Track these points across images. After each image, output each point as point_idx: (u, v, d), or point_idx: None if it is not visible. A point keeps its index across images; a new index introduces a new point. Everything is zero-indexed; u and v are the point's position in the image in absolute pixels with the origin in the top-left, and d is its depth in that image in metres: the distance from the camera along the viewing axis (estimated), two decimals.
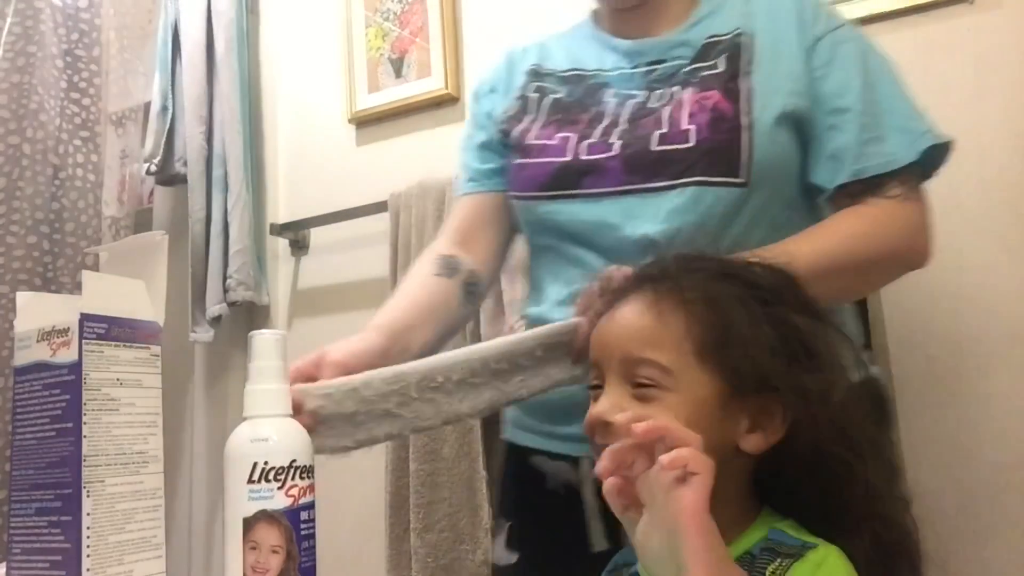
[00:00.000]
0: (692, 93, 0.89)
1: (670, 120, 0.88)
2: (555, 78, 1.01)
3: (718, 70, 0.91)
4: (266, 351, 0.67)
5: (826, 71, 0.90)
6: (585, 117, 0.94)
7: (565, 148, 0.92)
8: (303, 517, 0.63)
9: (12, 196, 1.76)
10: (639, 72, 0.96)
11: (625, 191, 0.88)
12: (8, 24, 1.80)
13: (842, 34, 0.93)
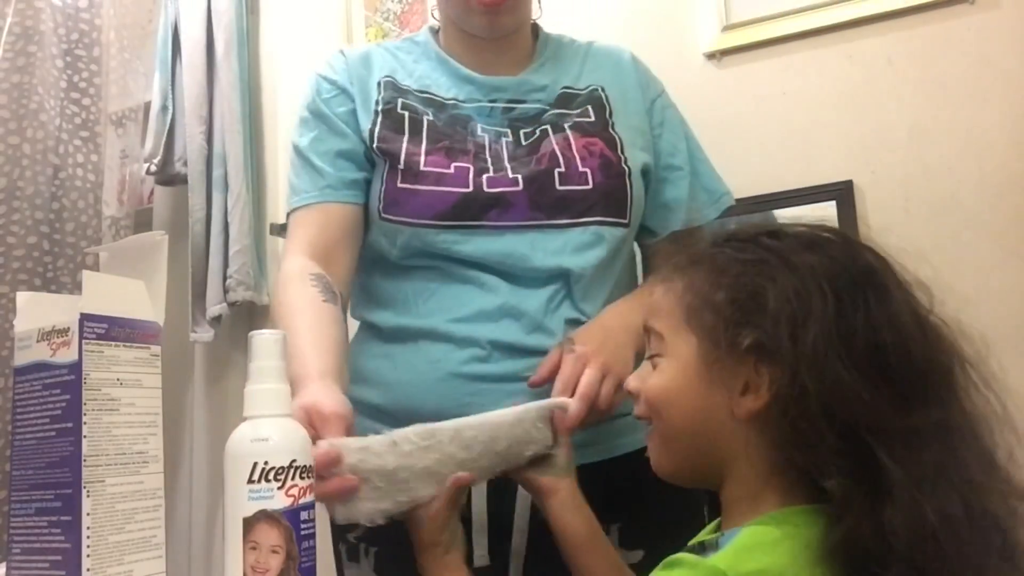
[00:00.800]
0: (575, 137, 0.96)
1: (565, 159, 0.94)
2: (416, 97, 0.99)
3: (591, 119, 0.99)
4: (266, 351, 0.67)
5: (660, 131, 1.04)
6: (470, 147, 0.95)
7: (466, 179, 0.92)
8: (303, 517, 0.63)
9: (12, 196, 1.76)
10: (497, 108, 0.99)
11: (530, 226, 0.92)
12: (8, 24, 1.79)
13: (666, 99, 1.08)
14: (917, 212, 1.29)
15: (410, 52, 1.05)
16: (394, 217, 0.94)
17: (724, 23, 1.46)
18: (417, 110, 0.98)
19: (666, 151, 1.04)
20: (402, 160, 0.94)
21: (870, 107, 1.34)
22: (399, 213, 0.93)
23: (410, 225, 0.93)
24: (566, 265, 0.91)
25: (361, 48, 1.07)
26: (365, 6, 1.87)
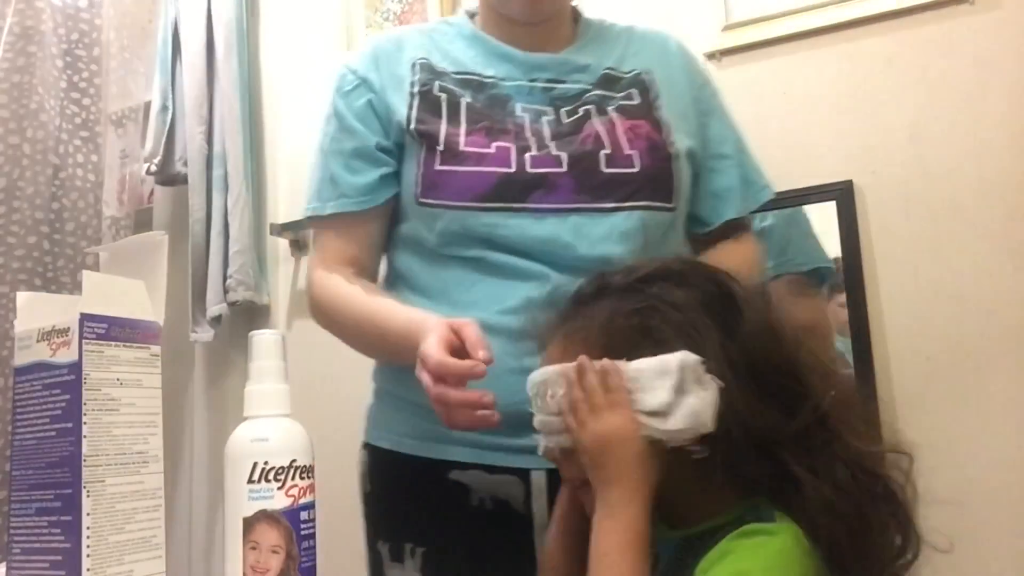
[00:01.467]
0: (620, 119, 0.92)
1: (611, 141, 0.90)
2: (453, 79, 0.95)
3: (636, 102, 0.95)
4: (266, 351, 0.67)
5: (708, 119, 1.00)
6: (511, 126, 0.91)
7: (507, 158, 0.88)
8: (303, 517, 0.63)
9: (12, 196, 1.76)
10: (537, 87, 0.95)
11: (573, 209, 0.87)
12: (8, 24, 1.80)
13: (713, 87, 1.04)
14: (917, 212, 1.29)
15: (445, 33, 1.01)
16: (433, 201, 0.90)
17: (724, 23, 1.46)
18: (454, 92, 0.94)
19: (715, 139, 1.00)
20: (441, 141, 0.90)
21: (870, 107, 1.34)
22: (438, 196, 0.89)
23: (450, 208, 0.89)
24: (612, 255, 0.85)
25: (394, 31, 1.05)
26: (365, 6, 1.87)
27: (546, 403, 0.67)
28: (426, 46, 0.99)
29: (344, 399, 1.84)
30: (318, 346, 1.90)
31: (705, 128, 1.00)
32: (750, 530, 0.60)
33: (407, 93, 0.94)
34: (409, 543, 0.90)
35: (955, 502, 1.21)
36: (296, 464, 0.64)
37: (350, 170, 0.96)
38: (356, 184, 0.95)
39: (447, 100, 0.93)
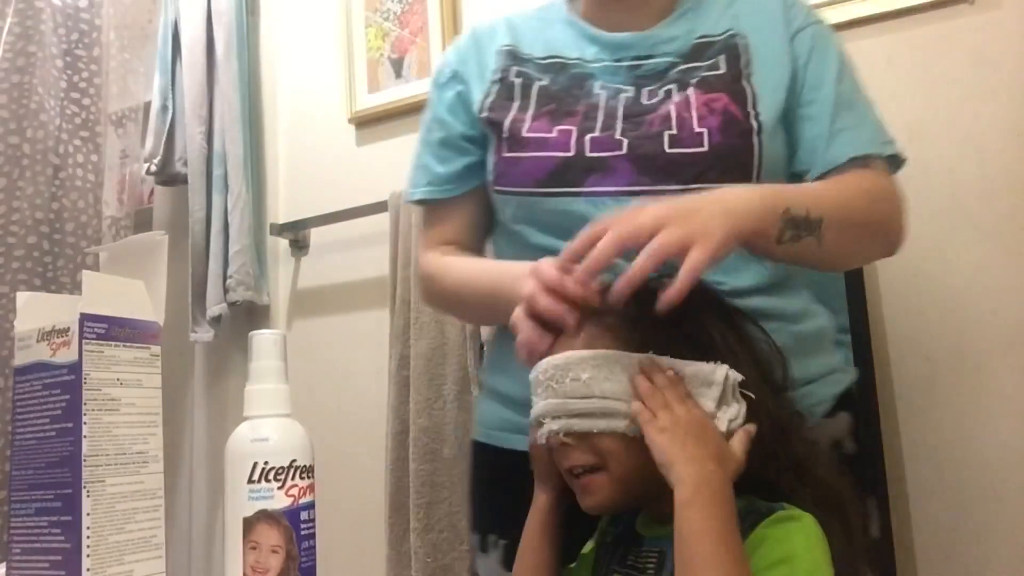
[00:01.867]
0: (697, 94, 0.87)
1: (679, 120, 0.86)
2: (535, 64, 0.96)
3: (720, 71, 0.89)
4: (266, 351, 0.67)
5: (806, 60, 0.92)
6: (579, 109, 0.89)
7: (567, 142, 0.87)
8: (303, 517, 0.63)
9: (12, 196, 1.76)
10: (623, 67, 0.93)
11: (633, 192, 0.84)
12: (8, 24, 1.80)
13: (819, 29, 0.94)
14: (917, 212, 1.28)
15: (544, 18, 1.01)
16: (502, 188, 0.91)
17: None
18: (531, 76, 0.94)
19: (809, 83, 0.91)
20: (506, 128, 0.91)
21: None
22: (505, 183, 0.91)
23: (515, 194, 0.90)
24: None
25: (497, 16, 1.04)
26: (365, 6, 1.87)
27: (566, 386, 0.67)
28: (519, 32, 1.00)
29: (344, 399, 1.84)
30: (318, 346, 1.90)
31: (801, 71, 0.91)
32: (782, 516, 0.63)
33: (487, 82, 0.96)
34: (493, 534, 0.93)
35: (955, 502, 1.21)
36: (296, 464, 0.64)
37: (438, 159, 0.99)
38: (442, 173, 0.99)
39: (521, 85, 0.94)
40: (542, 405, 0.70)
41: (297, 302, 1.94)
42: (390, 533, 1.57)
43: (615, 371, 0.67)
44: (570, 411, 0.67)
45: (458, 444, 1.50)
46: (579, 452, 0.68)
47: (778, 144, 0.88)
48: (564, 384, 0.68)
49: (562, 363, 0.68)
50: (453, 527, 1.49)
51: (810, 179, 0.89)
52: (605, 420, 0.66)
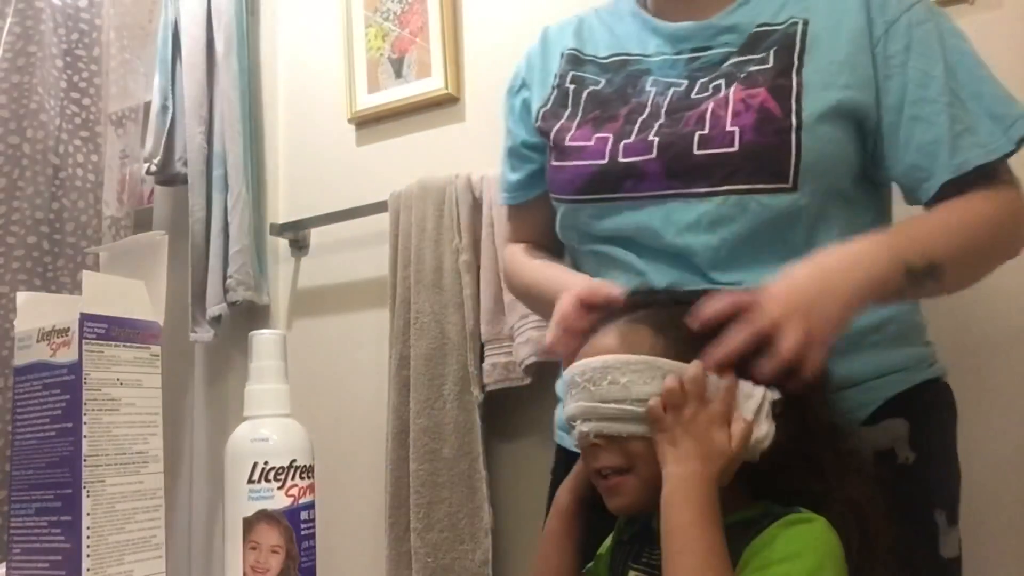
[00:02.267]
0: (737, 89, 0.84)
1: (712, 119, 0.83)
2: (595, 65, 0.96)
3: (767, 65, 0.85)
4: (266, 351, 0.67)
5: (905, 56, 0.84)
6: (623, 111, 0.89)
7: (603, 150, 0.87)
8: (303, 517, 0.63)
9: (12, 196, 1.76)
10: (681, 59, 0.91)
11: (667, 195, 0.84)
12: (8, 24, 1.79)
13: (917, 15, 0.86)
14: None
15: (614, 13, 1.01)
16: (552, 195, 0.94)
17: None
18: (585, 81, 0.95)
19: (915, 81, 0.83)
20: (553, 137, 0.93)
21: None
22: (553, 191, 0.94)
23: (561, 202, 0.93)
24: (697, 244, 0.82)
25: (571, 17, 1.04)
26: (365, 6, 1.87)
27: (603, 388, 0.68)
28: (587, 31, 1.00)
29: (344, 399, 1.84)
30: (318, 346, 1.90)
31: (900, 70, 0.84)
32: (794, 519, 0.64)
33: (548, 87, 0.98)
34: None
35: None
36: (296, 464, 0.64)
37: (510, 167, 1.04)
38: (512, 180, 1.04)
39: (574, 92, 0.95)
40: (574, 407, 0.70)
41: (297, 302, 1.94)
42: (390, 533, 1.57)
43: (655, 377, 0.67)
44: (602, 414, 0.68)
45: (458, 444, 1.50)
46: (609, 454, 0.69)
47: (829, 143, 0.82)
48: (601, 387, 0.68)
49: (600, 365, 0.68)
50: (453, 527, 1.49)
51: (932, 187, 0.83)
52: (636, 424, 0.67)
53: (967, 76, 0.85)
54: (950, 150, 0.81)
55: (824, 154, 0.81)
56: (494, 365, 1.49)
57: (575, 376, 0.70)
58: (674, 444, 0.65)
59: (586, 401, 0.69)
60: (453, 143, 1.75)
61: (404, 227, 1.65)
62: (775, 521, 0.65)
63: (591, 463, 0.71)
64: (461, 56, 1.76)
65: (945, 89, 0.84)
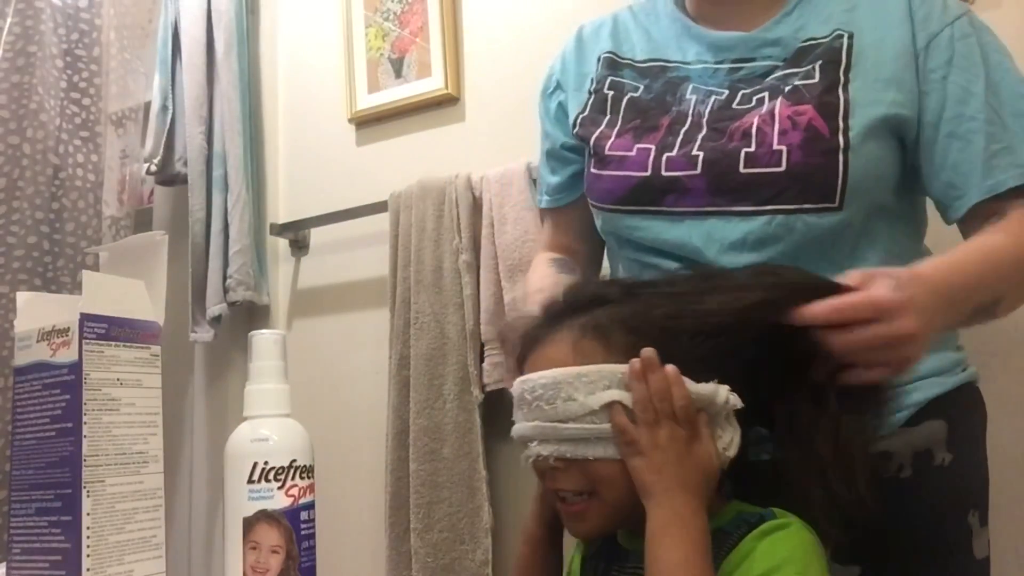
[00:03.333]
0: (783, 105, 0.82)
1: (758, 136, 0.81)
2: (633, 70, 0.95)
3: (813, 80, 0.83)
4: (266, 351, 0.67)
5: (946, 71, 0.83)
6: (665, 121, 0.88)
7: (646, 162, 0.86)
8: (303, 517, 0.63)
9: (12, 196, 1.76)
10: (723, 68, 0.89)
11: (709, 212, 0.83)
12: (8, 24, 1.79)
13: (960, 28, 0.85)
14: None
15: (651, 13, 0.99)
16: (592, 202, 0.94)
17: None
18: (624, 87, 0.93)
19: (954, 97, 0.82)
20: (592, 144, 0.92)
21: None
22: (592, 198, 0.93)
23: (600, 209, 0.92)
24: (736, 263, 0.79)
25: (602, 19, 1.02)
26: (365, 6, 1.87)
27: (558, 407, 0.63)
28: (623, 32, 0.99)
29: (344, 399, 1.84)
30: (318, 346, 1.90)
31: (942, 83, 0.83)
32: (770, 527, 0.62)
33: (585, 92, 0.97)
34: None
35: None
36: (296, 464, 0.64)
37: (549, 169, 1.03)
38: (552, 183, 1.03)
39: (613, 98, 0.93)
40: (528, 427, 0.65)
41: (297, 302, 1.94)
42: (390, 533, 1.57)
43: (612, 384, 0.62)
44: (562, 436, 0.63)
45: (458, 444, 1.50)
46: (569, 476, 0.65)
47: (874, 160, 0.81)
48: (556, 405, 0.63)
49: (551, 381, 0.64)
50: (453, 527, 1.48)
51: (963, 205, 0.82)
52: (601, 446, 0.62)
53: (1009, 94, 0.84)
54: (984, 170, 0.81)
55: (870, 173, 0.80)
56: (494, 365, 1.49)
57: (524, 393, 0.65)
58: (658, 472, 0.60)
59: (542, 421, 0.64)
60: (453, 143, 1.75)
61: (404, 227, 1.65)
62: (750, 531, 0.62)
63: (548, 484, 0.67)
64: (461, 56, 1.76)
65: (985, 106, 0.82)
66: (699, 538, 0.59)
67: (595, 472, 0.63)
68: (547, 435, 0.64)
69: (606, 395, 0.62)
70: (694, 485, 0.61)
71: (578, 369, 0.63)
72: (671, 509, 0.59)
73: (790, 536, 0.61)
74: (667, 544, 0.58)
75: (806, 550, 0.61)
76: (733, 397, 0.63)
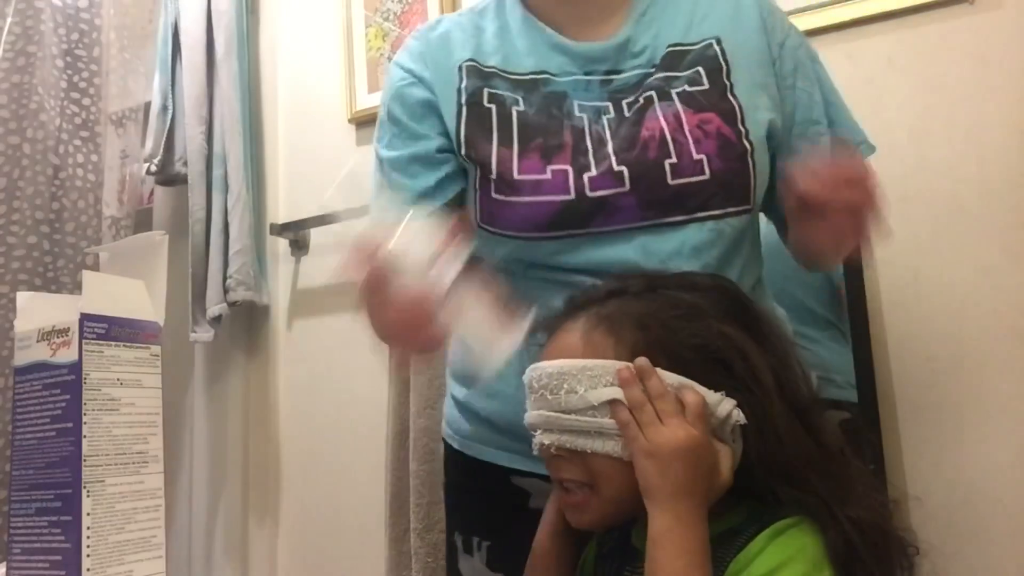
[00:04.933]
0: (687, 114, 0.84)
1: (677, 147, 0.82)
2: (504, 81, 0.89)
3: (704, 87, 0.85)
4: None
5: (793, 79, 0.90)
6: (567, 140, 0.84)
7: (566, 184, 0.82)
8: None
9: (12, 196, 1.76)
10: (595, 81, 0.88)
11: (640, 227, 0.82)
12: (8, 24, 1.80)
13: (796, 38, 0.92)
14: (917, 212, 1.29)
15: (494, 19, 0.94)
16: (493, 229, 0.86)
17: None
18: (505, 100, 0.88)
19: (803, 104, 0.90)
20: (494, 169, 0.85)
21: (870, 107, 1.34)
22: (497, 226, 0.85)
23: (511, 238, 0.85)
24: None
25: (439, 25, 0.96)
26: (365, 6, 1.87)
27: (560, 398, 0.65)
28: (474, 40, 0.93)
29: (344, 399, 1.84)
30: (318, 346, 1.90)
31: (791, 91, 0.90)
32: (780, 527, 0.62)
33: (456, 103, 0.89)
34: (477, 536, 0.93)
35: (955, 501, 1.21)
36: None
37: (411, 175, 0.92)
38: (419, 189, 0.91)
39: (497, 113, 0.87)
40: (535, 415, 0.67)
41: (297, 302, 1.94)
42: (390, 533, 1.57)
43: (612, 383, 0.64)
44: (563, 426, 0.65)
45: None
46: (571, 466, 0.66)
47: (765, 162, 0.86)
48: (559, 396, 0.65)
49: (556, 371, 0.65)
50: None
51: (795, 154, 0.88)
52: (600, 441, 0.64)
53: (832, 100, 0.93)
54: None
55: (766, 172, 0.86)
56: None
57: (532, 381, 0.67)
58: (663, 476, 0.60)
59: (546, 410, 0.65)
60: None
61: None
62: (761, 530, 0.62)
63: (553, 473, 0.69)
64: None
65: (824, 113, 0.91)
66: (700, 548, 0.59)
67: (594, 466, 0.65)
68: (550, 424, 0.66)
69: (607, 392, 0.63)
70: (699, 491, 0.61)
71: (583, 362, 0.65)
72: (674, 515, 0.60)
73: (798, 535, 0.62)
74: (670, 551, 0.59)
75: (810, 546, 0.61)
76: (737, 412, 0.64)
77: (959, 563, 1.19)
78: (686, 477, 0.61)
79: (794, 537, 0.62)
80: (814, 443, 0.65)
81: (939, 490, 1.22)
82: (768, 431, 0.64)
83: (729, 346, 0.65)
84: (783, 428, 0.64)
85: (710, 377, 0.64)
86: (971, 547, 1.19)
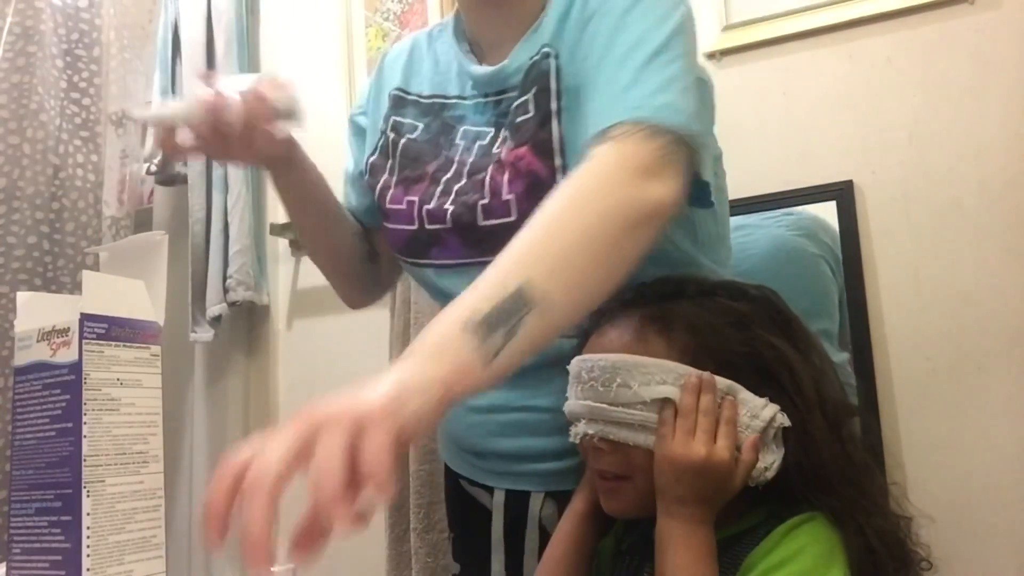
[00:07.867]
0: (507, 150, 0.80)
1: (492, 186, 0.80)
2: (416, 108, 0.92)
3: (529, 115, 0.80)
4: None
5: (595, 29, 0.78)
6: (431, 169, 0.86)
7: (412, 215, 0.86)
8: None
9: (12, 196, 1.76)
10: (490, 103, 0.87)
11: (465, 264, 0.83)
12: (8, 24, 1.79)
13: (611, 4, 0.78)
14: (917, 212, 1.29)
15: (439, 37, 0.96)
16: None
17: (724, 23, 1.45)
18: (402, 128, 0.91)
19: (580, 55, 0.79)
20: (377, 196, 0.91)
21: (870, 107, 1.34)
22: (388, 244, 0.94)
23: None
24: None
25: (399, 47, 0.99)
26: (365, 6, 1.87)
27: (612, 391, 0.66)
28: (416, 63, 0.95)
29: None
30: (318, 346, 1.90)
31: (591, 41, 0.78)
32: (795, 522, 0.65)
33: (378, 131, 0.95)
34: (449, 529, 0.99)
35: (955, 501, 1.21)
36: None
37: (351, 192, 1.00)
38: (356, 207, 0.99)
39: (392, 141, 0.91)
40: (581, 405, 0.69)
41: (297, 302, 1.94)
42: (390, 533, 1.57)
43: (666, 381, 0.65)
44: (609, 418, 0.67)
45: None
46: (611, 458, 0.69)
47: None
48: (611, 388, 0.66)
49: (609, 364, 0.67)
50: None
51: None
52: (644, 435, 0.66)
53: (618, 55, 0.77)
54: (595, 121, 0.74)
55: None
56: None
57: (582, 372, 0.69)
58: (677, 480, 0.64)
59: (594, 401, 0.67)
60: None
61: None
62: (778, 525, 0.65)
63: (592, 462, 0.71)
64: None
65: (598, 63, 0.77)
66: (702, 546, 0.63)
67: (635, 459, 0.67)
68: (596, 415, 0.67)
69: (660, 390, 0.65)
70: (709, 499, 0.64)
71: (638, 359, 0.66)
72: (681, 517, 0.64)
73: (812, 529, 0.64)
74: (673, 551, 0.63)
75: (823, 541, 0.63)
76: (782, 416, 0.66)
77: (959, 562, 1.19)
78: (696, 488, 0.64)
79: (807, 531, 0.64)
80: (847, 455, 0.68)
81: (939, 490, 1.22)
82: (807, 440, 0.66)
83: (776, 356, 0.67)
84: (821, 438, 0.67)
85: (756, 385, 0.67)
86: (971, 546, 1.19)
